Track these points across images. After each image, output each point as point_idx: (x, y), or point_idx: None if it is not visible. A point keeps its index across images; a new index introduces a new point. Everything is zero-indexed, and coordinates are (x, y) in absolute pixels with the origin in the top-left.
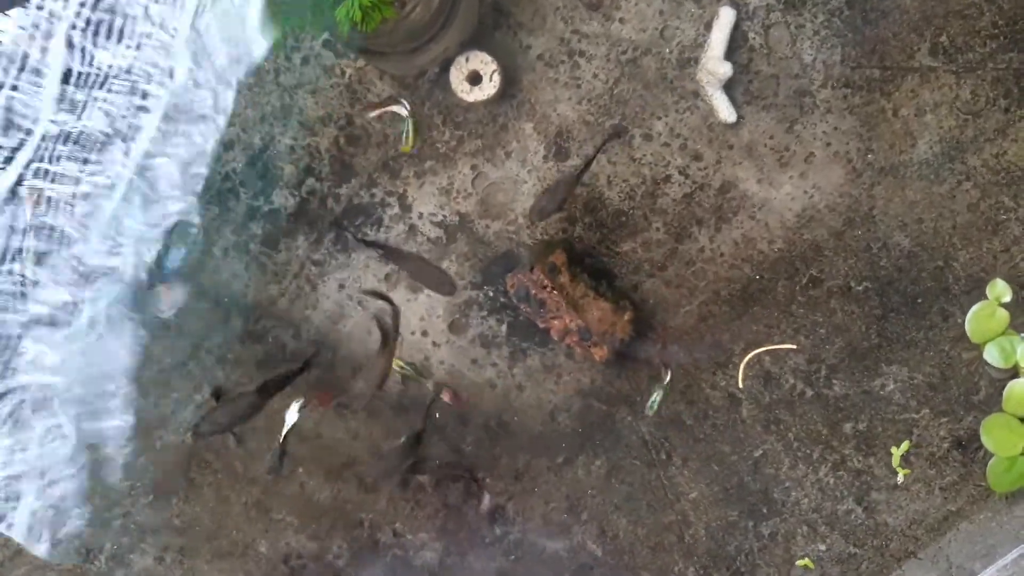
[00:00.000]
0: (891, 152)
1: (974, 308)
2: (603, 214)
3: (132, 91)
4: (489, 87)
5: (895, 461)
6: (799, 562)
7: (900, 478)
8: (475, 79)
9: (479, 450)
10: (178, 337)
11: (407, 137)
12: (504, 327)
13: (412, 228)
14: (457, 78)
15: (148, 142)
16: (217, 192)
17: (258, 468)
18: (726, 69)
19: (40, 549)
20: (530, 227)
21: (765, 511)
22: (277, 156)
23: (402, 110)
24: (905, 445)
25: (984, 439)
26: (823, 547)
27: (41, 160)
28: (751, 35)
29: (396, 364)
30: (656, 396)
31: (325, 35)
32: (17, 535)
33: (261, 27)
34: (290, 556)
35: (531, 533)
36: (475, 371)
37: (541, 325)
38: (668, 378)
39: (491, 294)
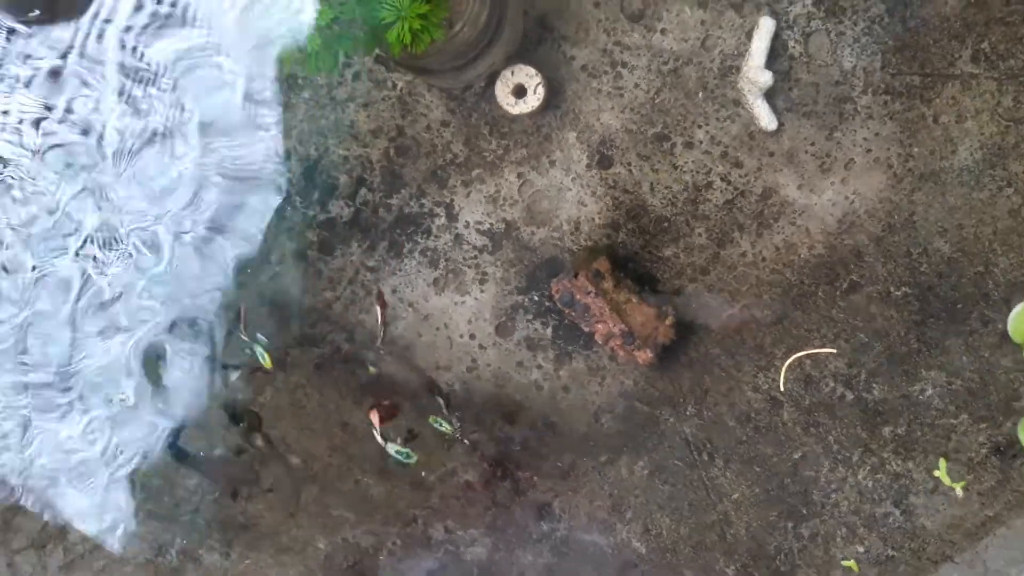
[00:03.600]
0: (932, 158)
1: (1017, 308)
2: (645, 220)
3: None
4: (533, 99)
5: (944, 479)
6: (844, 563)
7: (959, 492)
8: (520, 92)
9: (526, 450)
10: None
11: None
12: (549, 330)
13: (458, 237)
14: (503, 91)
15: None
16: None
17: (315, 466)
18: (767, 78)
19: (112, 543)
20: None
21: (805, 512)
22: (331, 167)
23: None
24: (943, 463)
25: (1021, 435)
26: (861, 549)
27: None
28: (791, 43)
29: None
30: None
31: (376, 51)
32: (89, 526)
33: (314, 55)
34: (347, 551)
35: (577, 531)
36: (521, 373)
37: (586, 329)
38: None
39: (536, 299)
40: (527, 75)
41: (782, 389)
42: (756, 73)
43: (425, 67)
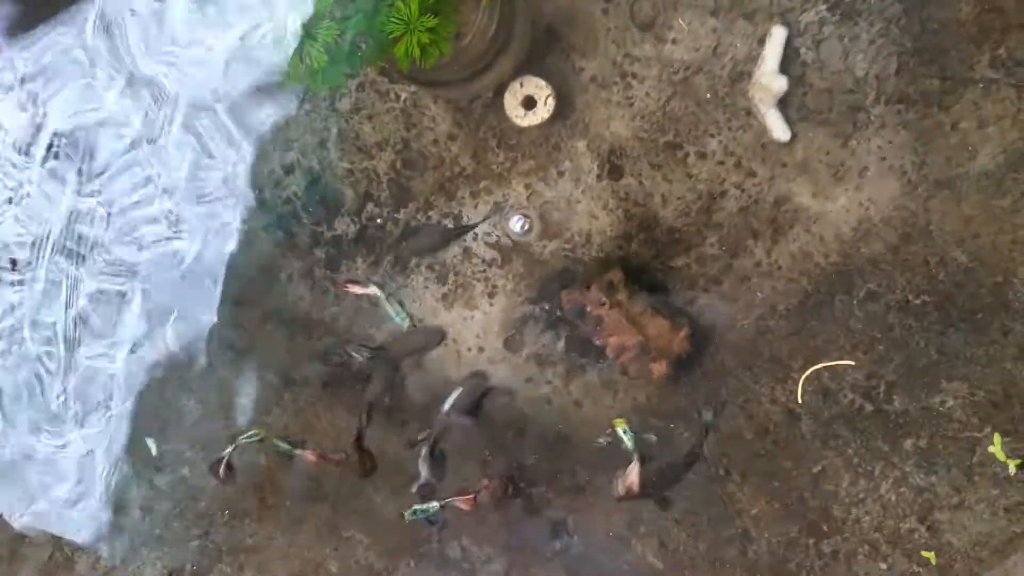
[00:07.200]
0: (948, 165)
1: None
2: (658, 231)
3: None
4: (543, 111)
5: (999, 455)
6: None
7: (1012, 469)
8: (529, 103)
9: (540, 466)
10: (243, 359)
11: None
12: (560, 344)
13: (467, 250)
14: (512, 103)
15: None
16: (278, 216)
17: (327, 485)
18: (781, 84)
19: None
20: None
21: (826, 528)
22: (336, 180)
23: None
24: (998, 438)
25: None
26: (884, 566)
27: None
28: (803, 50)
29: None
30: None
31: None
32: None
33: (319, 72)
34: (360, 573)
35: (592, 547)
36: (531, 388)
37: (597, 342)
38: None
39: (547, 311)
40: (536, 87)
41: (800, 401)
42: (770, 79)
43: (433, 79)
